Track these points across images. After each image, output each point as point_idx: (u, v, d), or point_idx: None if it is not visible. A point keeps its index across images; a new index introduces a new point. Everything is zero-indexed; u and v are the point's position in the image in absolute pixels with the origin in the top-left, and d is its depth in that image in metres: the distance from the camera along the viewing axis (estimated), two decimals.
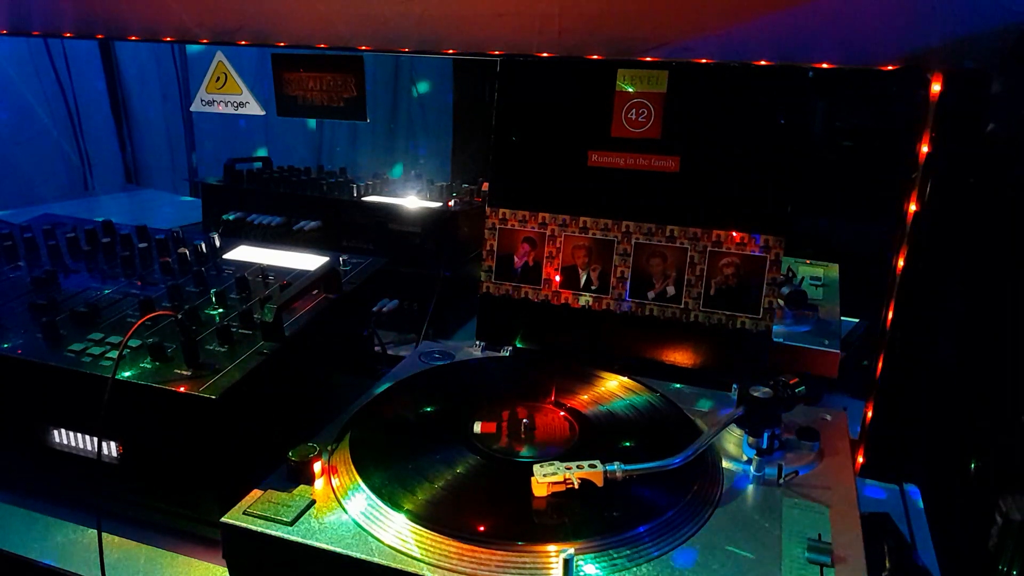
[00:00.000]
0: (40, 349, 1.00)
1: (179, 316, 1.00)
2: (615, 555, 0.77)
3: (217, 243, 1.32)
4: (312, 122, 2.59)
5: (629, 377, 1.11)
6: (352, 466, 0.89)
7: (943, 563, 1.02)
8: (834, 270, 1.54)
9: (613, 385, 1.10)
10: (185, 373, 0.94)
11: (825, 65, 1.09)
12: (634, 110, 1.18)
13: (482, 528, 0.79)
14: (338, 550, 0.78)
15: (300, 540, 0.79)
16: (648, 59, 1.17)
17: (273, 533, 0.80)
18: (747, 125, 1.14)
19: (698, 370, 1.17)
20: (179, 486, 0.97)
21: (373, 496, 0.84)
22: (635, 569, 0.76)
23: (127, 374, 0.94)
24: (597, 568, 0.76)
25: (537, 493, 0.83)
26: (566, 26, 1.20)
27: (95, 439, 0.98)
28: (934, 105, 1.03)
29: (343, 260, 1.25)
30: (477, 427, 0.95)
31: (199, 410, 0.90)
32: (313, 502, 0.85)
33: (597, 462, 0.85)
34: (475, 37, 1.27)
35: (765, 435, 0.94)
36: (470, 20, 1.26)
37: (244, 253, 1.30)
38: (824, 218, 1.58)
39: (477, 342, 1.27)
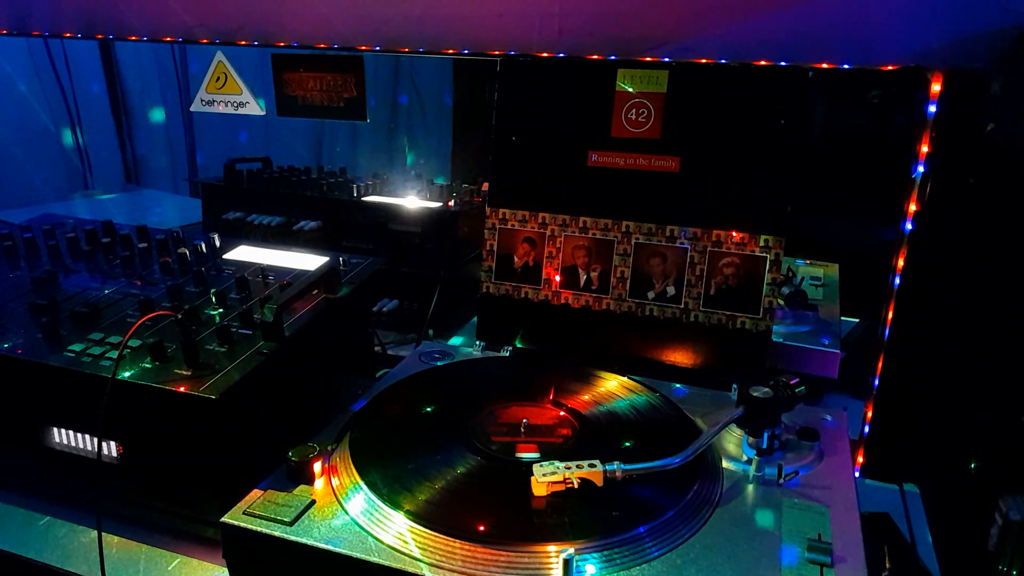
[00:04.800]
0: (40, 349, 1.00)
1: (179, 316, 1.00)
2: (615, 555, 0.77)
3: (217, 243, 1.32)
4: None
5: (629, 377, 1.12)
6: (352, 466, 0.89)
7: (943, 563, 1.02)
8: (834, 270, 1.54)
9: (613, 385, 1.10)
10: (185, 373, 0.94)
11: (825, 65, 1.09)
12: (634, 110, 1.18)
13: (482, 528, 0.79)
14: (338, 550, 0.78)
15: (300, 540, 0.79)
16: (648, 59, 1.17)
17: (273, 533, 0.80)
18: (747, 125, 1.14)
19: (698, 370, 1.17)
20: (179, 486, 0.97)
21: (373, 496, 0.84)
22: (635, 569, 0.76)
23: (127, 374, 0.93)
24: (597, 568, 0.76)
25: (537, 493, 0.83)
26: (566, 26, 1.20)
27: (95, 439, 0.98)
28: (934, 105, 1.03)
29: (343, 260, 1.25)
30: (520, 454, 0.92)
31: (199, 410, 0.90)
32: (313, 502, 0.85)
33: (597, 462, 0.85)
34: (475, 37, 1.27)
35: (765, 435, 0.94)
36: (470, 20, 1.26)
37: (244, 253, 1.30)
38: (824, 218, 1.58)
39: (477, 342, 1.27)
